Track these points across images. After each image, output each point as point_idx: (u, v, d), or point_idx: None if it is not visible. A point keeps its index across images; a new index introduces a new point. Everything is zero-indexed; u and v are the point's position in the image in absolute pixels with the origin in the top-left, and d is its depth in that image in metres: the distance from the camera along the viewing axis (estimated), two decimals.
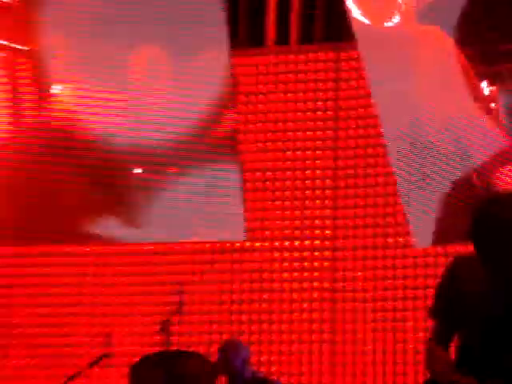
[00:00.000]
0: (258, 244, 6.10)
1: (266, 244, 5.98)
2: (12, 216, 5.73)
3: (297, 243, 5.83)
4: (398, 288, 5.21)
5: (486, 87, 5.43)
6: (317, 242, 5.72)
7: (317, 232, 5.75)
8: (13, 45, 5.65)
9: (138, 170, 5.87)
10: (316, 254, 5.70)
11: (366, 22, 5.92)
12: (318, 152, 5.87)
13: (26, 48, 5.62)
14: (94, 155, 5.83)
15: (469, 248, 2.66)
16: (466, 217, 3.08)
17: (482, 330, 3.04)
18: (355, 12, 5.83)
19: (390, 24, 5.78)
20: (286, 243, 5.85)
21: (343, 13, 5.48)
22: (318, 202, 5.80)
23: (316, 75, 6.08)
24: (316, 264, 5.72)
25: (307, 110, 5.90)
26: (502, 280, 3.03)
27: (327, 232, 5.68)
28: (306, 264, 5.75)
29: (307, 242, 5.75)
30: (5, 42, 5.64)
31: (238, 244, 6.18)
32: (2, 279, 6.08)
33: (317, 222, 5.69)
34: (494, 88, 5.43)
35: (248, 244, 6.04)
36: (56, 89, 5.69)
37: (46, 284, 5.98)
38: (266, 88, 5.92)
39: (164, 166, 5.96)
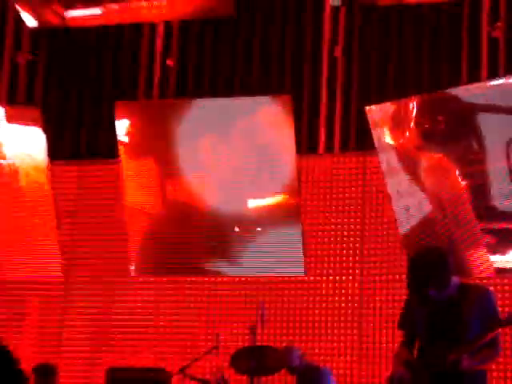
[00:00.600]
0: (312, 278, 7.40)
1: (318, 278, 7.38)
2: (157, 258, 7.70)
3: (337, 278, 7.30)
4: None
5: None
6: (350, 277, 7.27)
7: (350, 271, 7.28)
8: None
9: (237, 229, 7.55)
10: (349, 285, 7.24)
11: (386, 138, 7.17)
12: (350, 219, 7.41)
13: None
14: (208, 219, 7.57)
15: None
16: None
17: (421, 336, 4.07)
18: (376, 129, 7.05)
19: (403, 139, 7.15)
20: (330, 277, 7.31)
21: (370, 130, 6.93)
22: (350, 251, 7.28)
23: (350, 172, 7.60)
24: (350, 291, 7.23)
25: (345, 193, 7.44)
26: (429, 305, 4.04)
27: (357, 271, 7.25)
28: (343, 291, 7.24)
29: (344, 278, 7.26)
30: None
31: (299, 277, 7.42)
32: (149, 296, 7.73)
33: (350, 264, 7.26)
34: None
35: (306, 278, 7.39)
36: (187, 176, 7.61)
37: (176, 301, 7.67)
38: (316, 178, 7.56)
39: (252, 225, 7.60)
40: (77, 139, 8.35)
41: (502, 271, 7.05)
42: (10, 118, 7.97)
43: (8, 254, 8.03)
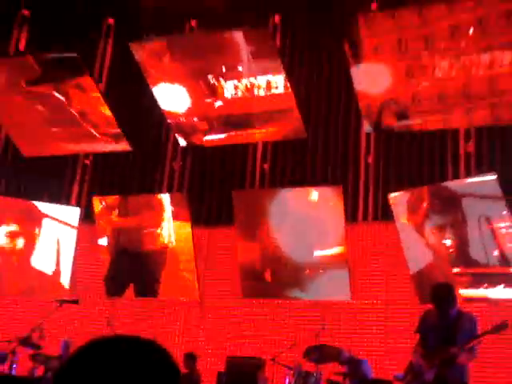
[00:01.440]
0: (354, 301, 8.31)
1: (358, 301, 8.35)
2: (258, 287, 8.72)
3: (373, 301, 8.26)
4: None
5: None
6: (379, 301, 8.25)
7: (378, 297, 8.29)
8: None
9: (307, 270, 8.49)
10: (379, 306, 8.27)
11: (401, 213, 8.02)
12: (377, 264, 8.27)
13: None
14: (290, 264, 8.54)
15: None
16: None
17: (431, 339, 4.90)
18: (395, 207, 8.07)
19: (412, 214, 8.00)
20: (366, 301, 8.36)
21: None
22: (379, 283, 8.23)
23: (378, 233, 8.55)
24: (379, 310, 8.23)
25: (374, 245, 8.40)
26: (442, 319, 4.84)
27: (383, 297, 8.25)
28: (375, 309, 8.23)
29: (375, 301, 8.26)
30: None
31: (345, 301, 8.33)
32: (251, 310, 8.65)
33: (378, 293, 8.28)
34: None
35: (350, 301, 8.31)
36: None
37: (268, 314, 8.63)
38: (357, 237, 8.58)
39: (316, 268, 8.43)
40: (209, 212, 9.63)
41: (469, 300, 7.55)
42: (175, 216, 9.12)
43: (168, 286, 9.24)
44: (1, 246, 9.26)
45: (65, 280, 9.37)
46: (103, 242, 9.52)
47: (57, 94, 8.71)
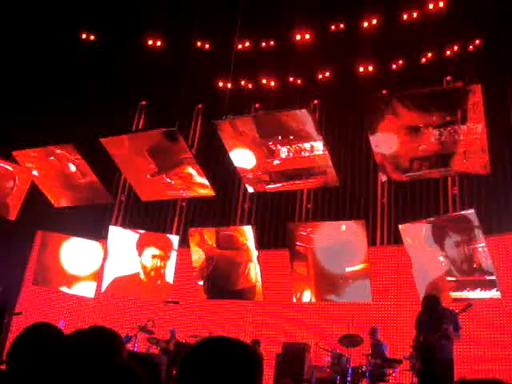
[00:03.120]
0: (373, 302, 9.44)
1: (375, 303, 9.50)
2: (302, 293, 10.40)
3: (386, 303, 9.48)
4: None
5: None
6: (393, 303, 9.53)
7: (390, 301, 9.53)
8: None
9: (340, 280, 9.81)
10: (392, 306, 9.51)
11: (408, 239, 9.06)
12: (390, 276, 9.49)
13: None
14: (328, 275, 9.76)
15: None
16: None
17: (425, 331, 6.23)
18: (404, 235, 9.25)
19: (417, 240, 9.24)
20: (381, 302, 9.48)
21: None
22: (390, 291, 9.62)
23: (392, 253, 9.86)
24: (391, 309, 9.42)
25: (389, 262, 9.87)
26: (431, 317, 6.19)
27: (394, 300, 9.50)
28: (388, 309, 9.48)
29: (389, 303, 9.49)
30: None
31: (367, 302, 9.40)
32: (298, 312, 9.93)
33: (390, 298, 9.51)
34: None
35: (371, 303, 9.42)
36: None
37: (316, 314, 9.94)
38: (376, 256, 9.73)
39: (348, 279, 9.69)
40: (269, 238, 10.94)
41: (456, 300, 8.65)
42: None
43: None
44: (144, 264, 10.85)
45: (168, 286, 11.00)
46: (200, 283, 10.78)
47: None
